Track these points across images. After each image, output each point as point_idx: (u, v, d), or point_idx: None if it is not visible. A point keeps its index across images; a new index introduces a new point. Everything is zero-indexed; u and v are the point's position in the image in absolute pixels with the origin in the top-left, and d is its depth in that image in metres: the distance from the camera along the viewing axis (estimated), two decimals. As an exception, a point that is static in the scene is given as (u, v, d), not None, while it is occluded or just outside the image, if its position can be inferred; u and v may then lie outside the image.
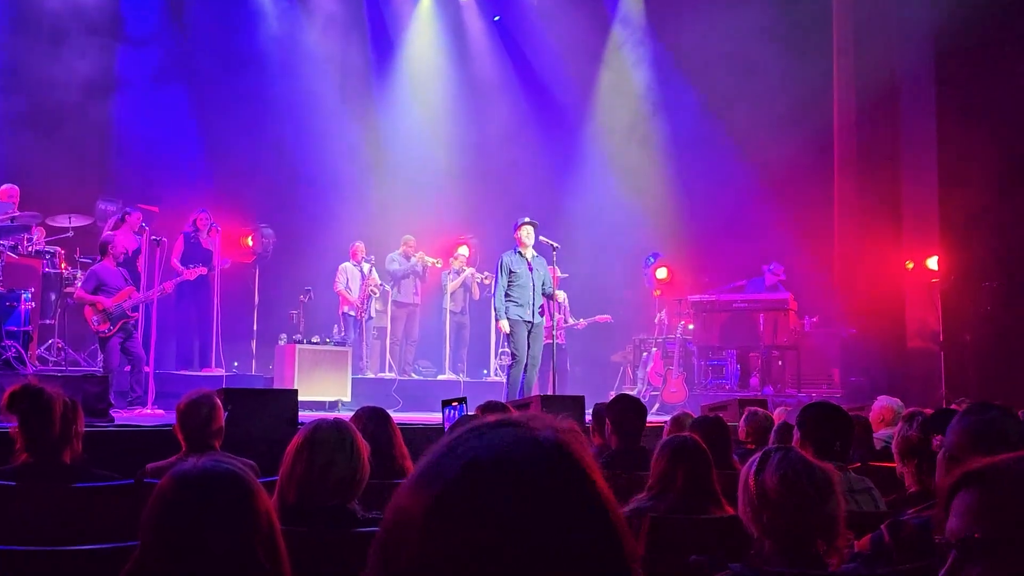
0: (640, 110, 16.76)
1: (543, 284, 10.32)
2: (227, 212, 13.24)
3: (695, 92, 16.06)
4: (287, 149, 14.71)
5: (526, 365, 10.15)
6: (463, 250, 15.25)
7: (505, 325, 10.11)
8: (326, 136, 14.94)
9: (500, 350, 13.08)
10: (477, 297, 14.80)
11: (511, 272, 10.15)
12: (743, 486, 3.13)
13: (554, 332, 10.84)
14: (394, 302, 14.56)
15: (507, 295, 10.17)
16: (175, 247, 12.22)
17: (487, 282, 13.70)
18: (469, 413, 5.66)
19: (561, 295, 13.43)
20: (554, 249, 10.49)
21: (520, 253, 10.24)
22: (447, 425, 5.82)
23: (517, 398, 9.58)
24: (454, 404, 5.91)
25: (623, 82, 16.96)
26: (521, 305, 10.15)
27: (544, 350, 10.92)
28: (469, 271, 14.91)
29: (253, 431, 6.32)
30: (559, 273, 11.63)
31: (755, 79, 15.09)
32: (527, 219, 10.37)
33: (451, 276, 14.64)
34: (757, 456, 3.18)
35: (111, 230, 11.24)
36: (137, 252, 10.91)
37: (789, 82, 14.86)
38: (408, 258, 14.60)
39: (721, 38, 15.16)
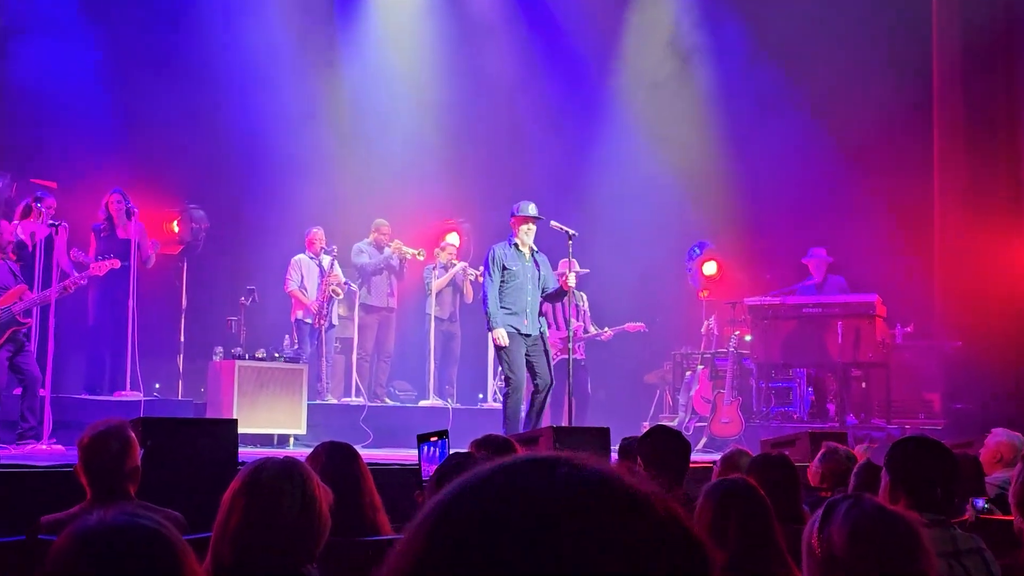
0: (680, 58, 16.80)
1: (543, 284, 10.57)
2: (146, 190, 13.20)
3: (751, 35, 16.08)
4: (226, 111, 14.69)
5: (533, 390, 10.29)
6: (452, 238, 15.11)
7: (501, 336, 10.25)
8: (276, 94, 14.94)
9: (501, 369, 13.13)
10: (470, 299, 14.69)
11: (504, 269, 10.37)
12: (806, 545, 3.14)
13: (569, 344, 10.73)
14: (363, 306, 14.48)
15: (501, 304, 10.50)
16: (89, 243, 12.30)
17: (482, 280, 13.78)
18: (459, 451, 5.62)
19: (581, 298, 13.72)
20: (570, 237, 10.58)
21: (516, 246, 10.48)
22: (425, 468, 5.79)
23: (521, 431, 9.55)
24: (432, 440, 5.88)
25: (658, 22, 16.95)
26: (514, 313, 10.32)
27: (557, 367, 10.97)
28: (460, 266, 14.79)
29: (179, 473, 6.32)
30: (577, 268, 11.60)
31: (830, 18, 15.09)
32: (531, 210, 10.51)
33: (436, 272, 14.54)
34: (823, 507, 3.16)
35: (19, 219, 11.15)
36: (48, 243, 10.91)
37: (875, 20, 14.91)
38: (381, 249, 14.52)
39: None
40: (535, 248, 10.60)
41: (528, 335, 10.44)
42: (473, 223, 15.70)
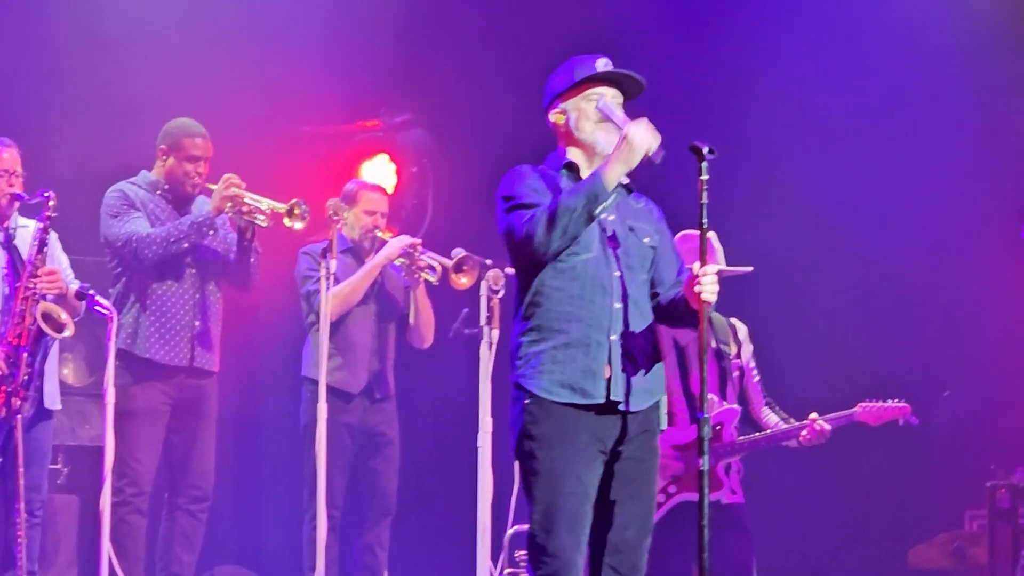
0: None
1: (650, 268, 5.32)
2: None
3: None
4: None
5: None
6: (375, 171, 9.75)
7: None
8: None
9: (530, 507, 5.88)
10: (430, 331, 8.35)
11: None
12: None
13: (703, 459, 4.89)
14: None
15: (528, 315, 5.22)
16: None
17: (467, 281, 7.75)
18: None
19: (742, 332, 7.56)
20: (703, 157, 5.12)
21: (574, 170, 5.36)
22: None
23: None
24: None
25: None
26: (572, 343, 5.10)
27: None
28: (395, 243, 8.18)
29: None
30: (721, 260, 6.99)
31: None
32: (604, 66, 5.29)
33: (330, 264, 7.54)
34: None
35: None
36: None
37: None
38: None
39: None
40: (629, 186, 5.24)
41: (601, 402, 5.01)
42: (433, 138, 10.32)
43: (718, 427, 6.77)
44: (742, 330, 7.25)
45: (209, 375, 7.26)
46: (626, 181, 5.14)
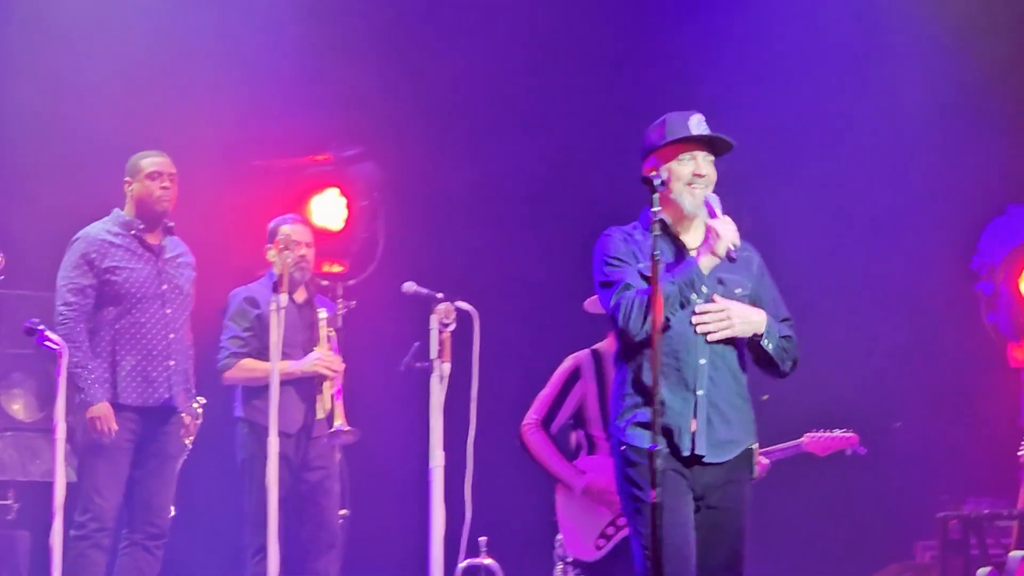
0: None
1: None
2: None
3: None
4: None
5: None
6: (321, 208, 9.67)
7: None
8: None
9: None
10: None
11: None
12: None
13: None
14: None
15: (621, 369, 5.45)
16: None
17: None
18: None
19: None
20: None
21: (667, 226, 5.32)
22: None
23: None
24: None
25: None
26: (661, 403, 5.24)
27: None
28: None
29: None
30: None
31: None
32: (696, 125, 5.45)
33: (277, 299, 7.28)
34: None
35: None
36: None
37: None
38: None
39: None
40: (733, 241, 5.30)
41: (688, 467, 5.27)
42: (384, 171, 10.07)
43: (668, 457, 6.63)
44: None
45: (176, 413, 7.23)
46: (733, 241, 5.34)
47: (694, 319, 5.22)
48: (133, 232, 7.16)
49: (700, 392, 5.26)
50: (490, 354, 7.27)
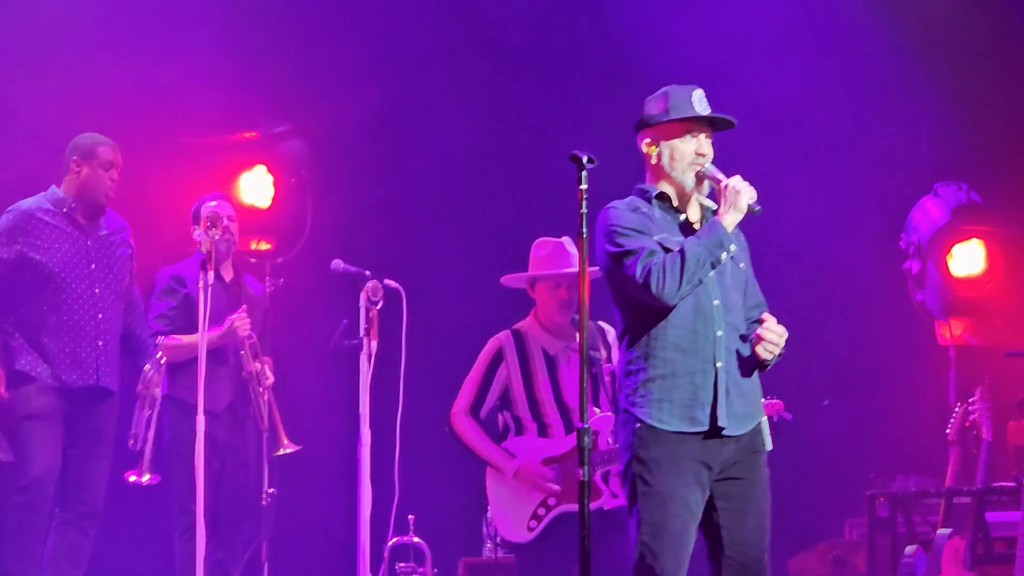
0: None
1: (740, 291, 5.48)
2: None
3: None
4: None
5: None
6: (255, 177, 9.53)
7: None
8: None
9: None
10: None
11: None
12: None
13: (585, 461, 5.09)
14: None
15: (633, 344, 5.34)
16: None
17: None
18: None
19: (611, 336, 7.52)
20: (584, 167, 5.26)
21: (667, 199, 5.48)
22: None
23: None
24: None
25: None
26: (677, 380, 5.27)
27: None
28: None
29: None
30: None
31: None
32: (697, 102, 5.46)
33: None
34: None
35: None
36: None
37: None
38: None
39: None
40: (713, 204, 5.39)
41: (716, 435, 5.15)
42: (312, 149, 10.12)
43: (595, 435, 6.76)
44: (610, 333, 7.15)
45: (110, 394, 7.20)
46: (715, 207, 5.31)
47: (759, 348, 5.21)
48: (65, 210, 7.14)
49: (719, 364, 5.22)
50: (418, 332, 7.19)
